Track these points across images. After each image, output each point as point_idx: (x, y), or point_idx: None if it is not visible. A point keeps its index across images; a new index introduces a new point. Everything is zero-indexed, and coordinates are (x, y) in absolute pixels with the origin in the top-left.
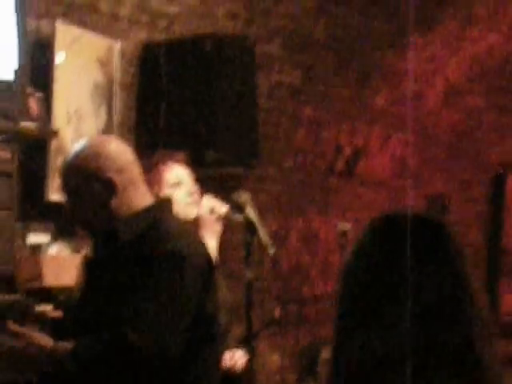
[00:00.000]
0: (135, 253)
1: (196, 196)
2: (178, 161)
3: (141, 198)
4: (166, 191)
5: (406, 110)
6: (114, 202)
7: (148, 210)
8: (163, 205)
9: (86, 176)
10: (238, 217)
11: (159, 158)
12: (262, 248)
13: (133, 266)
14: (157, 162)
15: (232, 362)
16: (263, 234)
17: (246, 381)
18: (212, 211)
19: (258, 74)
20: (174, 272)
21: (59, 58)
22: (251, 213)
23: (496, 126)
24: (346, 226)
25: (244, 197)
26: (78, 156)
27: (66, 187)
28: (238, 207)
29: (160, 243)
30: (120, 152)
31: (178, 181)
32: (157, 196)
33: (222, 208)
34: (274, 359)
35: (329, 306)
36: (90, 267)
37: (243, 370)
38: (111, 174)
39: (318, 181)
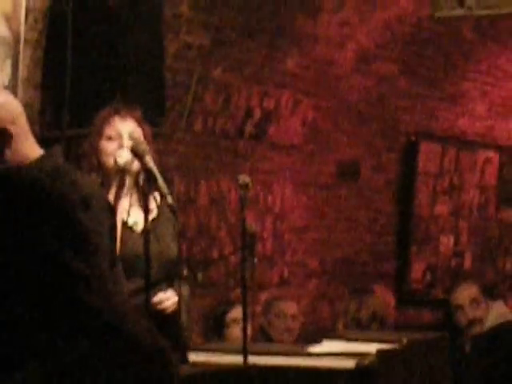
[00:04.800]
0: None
1: (125, 150)
2: (122, 116)
3: (32, 148)
4: (101, 143)
5: (317, 75)
6: (8, 152)
7: (43, 159)
8: (54, 153)
9: None
10: (137, 165)
11: (104, 113)
12: (161, 197)
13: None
14: (101, 116)
15: (163, 304)
16: (162, 183)
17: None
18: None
19: (166, 33)
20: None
21: None
22: (150, 162)
23: (408, 93)
24: (246, 178)
25: (143, 146)
26: None
27: None
28: (136, 156)
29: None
30: (11, 103)
31: (115, 135)
32: None
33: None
34: (181, 320)
35: (236, 268)
36: None
37: (174, 310)
38: (5, 124)
39: (228, 144)
